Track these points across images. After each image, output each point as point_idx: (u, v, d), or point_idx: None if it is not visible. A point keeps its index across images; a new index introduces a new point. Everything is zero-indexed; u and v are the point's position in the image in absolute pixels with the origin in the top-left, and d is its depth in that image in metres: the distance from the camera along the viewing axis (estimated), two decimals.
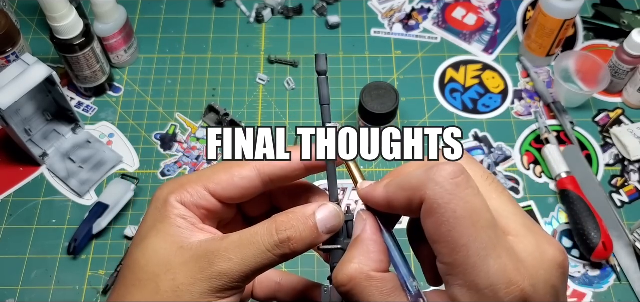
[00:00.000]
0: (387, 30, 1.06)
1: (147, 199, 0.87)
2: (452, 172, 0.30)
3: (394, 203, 0.33)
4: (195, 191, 0.37)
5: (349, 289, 0.33)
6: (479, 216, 0.29)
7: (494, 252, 0.29)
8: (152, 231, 0.36)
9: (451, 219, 0.29)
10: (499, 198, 0.32)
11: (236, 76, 1.00)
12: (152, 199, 0.38)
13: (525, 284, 0.29)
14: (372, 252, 0.33)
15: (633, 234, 0.82)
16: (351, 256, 0.34)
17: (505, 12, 1.09)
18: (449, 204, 0.29)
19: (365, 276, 0.32)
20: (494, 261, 0.29)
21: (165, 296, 0.34)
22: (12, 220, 0.86)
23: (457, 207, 0.29)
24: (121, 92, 0.98)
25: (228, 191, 0.38)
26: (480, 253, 0.29)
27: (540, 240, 0.31)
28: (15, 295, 0.79)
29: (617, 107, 0.97)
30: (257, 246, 0.34)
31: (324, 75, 0.37)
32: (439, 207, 0.30)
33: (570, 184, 0.85)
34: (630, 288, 0.80)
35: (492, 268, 0.28)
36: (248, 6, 1.08)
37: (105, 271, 0.81)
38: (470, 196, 0.30)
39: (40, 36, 1.05)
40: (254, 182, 0.38)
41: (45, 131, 0.91)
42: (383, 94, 0.87)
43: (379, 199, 0.34)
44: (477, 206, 0.30)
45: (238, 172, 0.38)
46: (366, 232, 0.34)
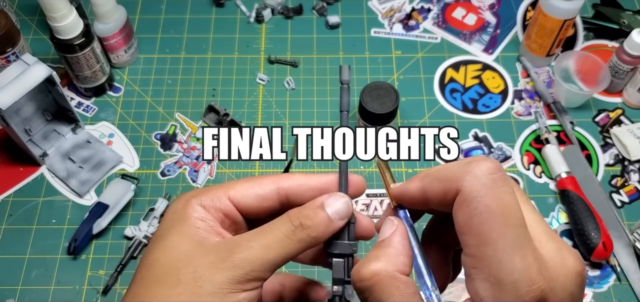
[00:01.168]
0: (387, 30, 1.06)
1: (147, 199, 0.87)
2: (491, 167, 0.31)
3: (429, 194, 0.34)
4: (215, 196, 0.38)
5: (370, 285, 0.33)
6: (511, 214, 0.30)
7: (521, 251, 0.29)
8: (171, 230, 0.37)
9: (484, 212, 0.30)
10: (524, 206, 0.33)
11: (236, 76, 1.00)
12: (171, 205, 0.39)
13: (546, 286, 0.29)
14: (401, 255, 0.34)
15: (633, 234, 0.82)
16: (378, 254, 0.34)
17: (505, 12, 1.09)
18: (484, 197, 0.30)
19: (390, 275, 0.33)
20: (520, 259, 0.29)
21: (186, 288, 0.34)
22: (12, 220, 0.86)
23: (491, 202, 0.30)
24: (121, 92, 0.98)
25: (246, 199, 0.38)
26: (508, 249, 0.29)
27: (561, 248, 0.32)
28: (15, 295, 0.80)
29: (617, 107, 0.97)
30: (276, 233, 0.35)
31: (347, 85, 0.38)
32: (474, 199, 0.30)
33: (570, 184, 0.85)
34: (630, 288, 0.80)
35: (518, 265, 0.29)
36: (248, 6, 1.08)
37: (105, 271, 0.81)
38: (505, 193, 0.30)
39: (40, 36, 1.05)
40: (271, 195, 0.39)
41: (45, 131, 0.91)
42: (383, 94, 0.87)
43: (415, 190, 0.35)
44: (510, 203, 0.30)
45: (258, 184, 0.39)
46: (396, 235, 0.35)
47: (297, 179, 0.39)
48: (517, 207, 0.31)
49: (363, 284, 0.33)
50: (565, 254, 0.31)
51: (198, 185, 0.88)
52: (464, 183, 0.31)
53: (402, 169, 0.91)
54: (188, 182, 0.89)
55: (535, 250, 0.30)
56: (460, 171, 0.31)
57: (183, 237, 0.36)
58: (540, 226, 0.32)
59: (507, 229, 0.30)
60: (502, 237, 0.29)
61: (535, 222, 0.32)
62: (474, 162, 0.31)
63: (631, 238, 0.82)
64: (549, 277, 0.30)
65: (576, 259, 0.32)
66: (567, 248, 0.32)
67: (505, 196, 0.30)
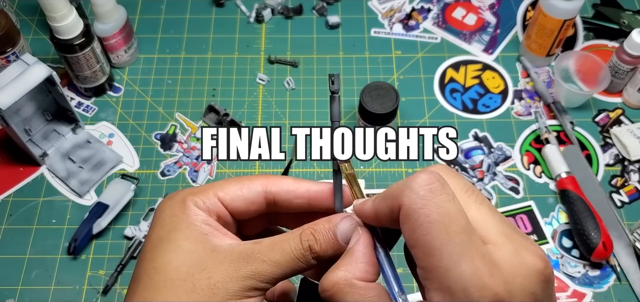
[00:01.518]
0: (387, 30, 1.06)
1: (147, 199, 0.87)
2: (427, 179, 0.31)
3: (380, 214, 0.35)
4: (207, 198, 0.39)
5: (331, 294, 0.34)
6: (452, 221, 0.30)
7: (466, 256, 0.29)
8: (176, 232, 0.37)
9: (425, 223, 0.30)
10: (478, 209, 0.33)
11: (236, 76, 1.00)
12: (161, 205, 0.39)
13: (500, 289, 0.29)
14: (360, 262, 0.35)
15: (633, 234, 0.82)
16: (339, 263, 0.35)
17: (505, 12, 1.09)
18: (422, 209, 0.30)
19: (348, 283, 0.34)
20: (466, 265, 0.29)
21: (202, 294, 0.35)
22: (12, 220, 0.86)
23: (430, 212, 0.30)
24: (121, 92, 0.98)
25: (234, 202, 0.39)
26: (453, 257, 0.29)
27: (519, 248, 0.31)
28: (15, 295, 0.80)
29: (617, 107, 0.97)
30: (288, 253, 0.36)
31: (337, 94, 0.38)
32: (413, 212, 0.31)
33: (570, 184, 0.85)
34: (630, 288, 0.80)
35: (465, 272, 0.29)
36: (248, 6, 1.08)
37: (105, 271, 0.81)
38: (443, 202, 0.30)
39: (40, 36, 1.05)
40: (259, 199, 0.40)
41: (45, 131, 0.91)
42: (383, 94, 0.87)
43: (368, 211, 0.36)
44: (451, 211, 0.30)
45: (247, 184, 0.40)
46: (359, 244, 0.36)
47: (286, 185, 0.40)
48: (458, 214, 0.31)
49: (326, 294, 0.34)
50: (523, 254, 0.31)
51: (198, 185, 0.88)
52: (403, 199, 0.31)
53: (402, 168, 0.91)
54: (188, 182, 0.89)
55: (485, 254, 0.30)
56: (400, 187, 0.32)
57: (193, 241, 0.36)
58: (497, 227, 0.32)
59: (450, 236, 0.30)
60: (446, 245, 0.29)
61: (491, 223, 0.32)
62: (412, 177, 0.32)
63: (631, 238, 0.82)
64: (504, 280, 0.29)
65: (536, 257, 0.31)
66: (526, 247, 0.31)
67: (444, 204, 0.30)
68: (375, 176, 0.90)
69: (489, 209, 0.33)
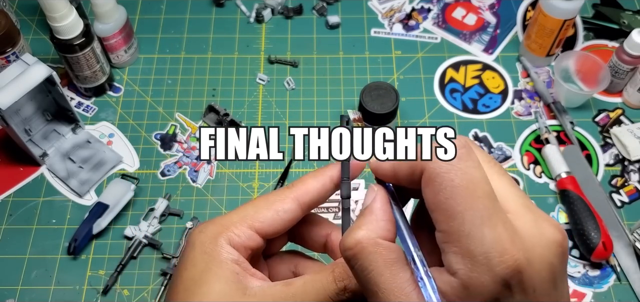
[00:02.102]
0: (387, 30, 1.06)
1: (147, 199, 0.87)
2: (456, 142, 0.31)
3: (399, 173, 0.34)
4: (241, 232, 0.38)
5: (354, 253, 0.33)
6: (477, 187, 0.30)
7: (489, 222, 0.29)
8: (208, 275, 0.36)
9: (449, 187, 0.30)
10: (499, 179, 0.33)
11: (236, 76, 1.00)
12: (194, 240, 0.38)
13: (520, 256, 0.29)
14: (381, 220, 0.34)
15: (633, 234, 0.82)
16: (360, 223, 0.34)
17: (505, 12, 1.09)
18: (447, 173, 0.30)
19: (372, 242, 0.33)
20: (489, 230, 0.29)
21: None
22: (12, 220, 0.86)
23: (455, 177, 0.30)
24: (121, 92, 0.98)
25: (273, 226, 0.39)
26: (476, 221, 0.29)
27: (538, 219, 0.31)
28: (15, 295, 0.80)
29: (617, 107, 0.97)
30: (322, 294, 0.36)
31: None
32: (438, 175, 0.30)
33: (570, 184, 0.85)
34: (630, 288, 0.80)
35: (487, 236, 0.29)
36: (248, 6, 1.09)
37: (105, 271, 0.81)
38: (469, 168, 0.31)
39: (40, 36, 1.05)
40: (296, 213, 0.39)
41: (45, 131, 0.91)
42: (383, 94, 0.87)
43: (386, 168, 0.35)
44: (476, 177, 0.30)
45: (281, 207, 0.39)
46: (376, 202, 0.35)
47: (312, 186, 0.40)
48: (483, 180, 0.31)
49: (348, 253, 0.33)
50: (543, 225, 0.31)
51: (198, 185, 0.88)
52: (427, 162, 0.31)
53: None
54: (188, 182, 0.89)
55: (507, 221, 0.30)
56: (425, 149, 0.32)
57: (225, 284, 0.36)
58: (518, 198, 0.32)
59: (474, 201, 0.30)
60: (469, 210, 0.29)
61: (512, 194, 0.32)
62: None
63: (631, 238, 0.82)
64: (524, 247, 0.29)
65: (555, 229, 0.31)
66: (545, 219, 0.32)
67: (470, 170, 0.30)
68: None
69: (510, 181, 0.34)
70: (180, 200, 0.87)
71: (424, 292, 0.31)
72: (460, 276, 0.29)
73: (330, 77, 1.00)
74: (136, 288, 0.80)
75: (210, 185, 0.89)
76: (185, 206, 0.87)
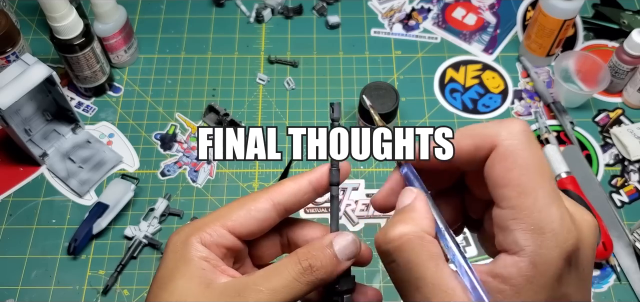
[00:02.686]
0: (387, 30, 1.06)
1: (147, 199, 0.87)
2: (524, 126, 0.33)
3: (460, 149, 0.35)
4: (214, 231, 0.38)
5: (398, 245, 0.33)
6: (545, 168, 0.32)
7: (557, 201, 0.31)
8: (175, 273, 0.37)
9: (523, 165, 0.32)
10: None
11: (236, 76, 1.00)
12: (168, 242, 0.39)
13: (579, 236, 0.31)
14: (425, 218, 0.34)
15: (633, 234, 0.82)
16: (403, 218, 0.34)
17: (505, 12, 1.09)
18: (523, 151, 0.32)
19: (418, 235, 0.33)
20: (557, 208, 0.31)
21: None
22: (12, 220, 0.86)
23: (528, 155, 0.32)
24: (121, 92, 0.98)
25: (246, 226, 0.39)
26: (547, 200, 0.31)
27: (576, 205, 0.34)
28: (15, 295, 0.80)
29: (617, 107, 0.97)
30: (285, 276, 0.36)
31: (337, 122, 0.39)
32: (513, 153, 0.32)
33: (570, 184, 0.85)
34: (630, 288, 0.80)
35: (556, 214, 0.30)
36: (248, 6, 1.09)
37: (105, 271, 0.81)
38: (538, 150, 0.33)
39: (40, 36, 1.05)
40: (270, 213, 0.39)
41: (45, 131, 0.91)
42: (383, 94, 0.87)
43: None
44: (543, 159, 0.33)
45: (254, 206, 0.39)
46: (418, 201, 0.35)
47: (289, 188, 0.39)
48: (546, 162, 0.33)
49: (390, 246, 0.33)
50: (581, 210, 0.33)
51: (198, 185, 0.88)
52: (501, 138, 0.33)
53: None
54: (188, 182, 0.89)
55: (563, 202, 0.32)
56: (496, 127, 0.33)
57: (189, 281, 0.36)
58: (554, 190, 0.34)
59: (545, 181, 0.31)
60: (541, 188, 0.31)
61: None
62: (507, 121, 0.33)
63: (631, 238, 0.82)
64: (579, 228, 0.31)
65: (590, 215, 0.33)
66: (579, 206, 0.34)
67: (539, 152, 0.32)
68: (374, 175, 0.90)
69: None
70: (180, 200, 0.87)
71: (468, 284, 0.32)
72: (528, 253, 0.30)
73: (330, 77, 1.00)
74: (136, 288, 0.80)
75: (210, 185, 0.89)
76: (185, 206, 0.87)
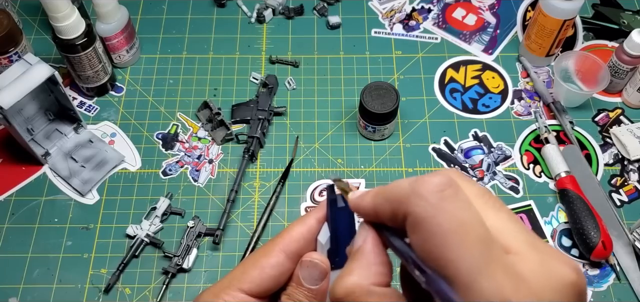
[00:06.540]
0: (388, 31, 1.06)
1: (148, 198, 0.87)
2: (439, 183, 0.28)
3: (381, 214, 0.31)
4: (231, 297, 0.37)
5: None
6: (469, 230, 0.27)
7: (487, 270, 0.26)
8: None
9: (438, 234, 0.27)
10: (496, 215, 0.30)
11: (237, 76, 1.01)
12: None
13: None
14: (373, 264, 0.31)
15: (632, 234, 0.82)
16: (350, 268, 0.32)
17: (505, 12, 1.09)
18: (434, 218, 0.27)
19: (365, 291, 0.30)
20: (487, 280, 0.26)
21: None
22: (14, 219, 0.86)
23: (443, 221, 0.27)
24: (123, 92, 0.99)
25: (262, 285, 0.37)
26: (472, 271, 0.26)
27: (546, 258, 0.28)
28: (17, 293, 0.80)
29: (617, 107, 0.97)
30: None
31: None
32: (423, 221, 0.27)
33: (570, 184, 0.85)
34: (630, 287, 0.80)
35: (486, 288, 0.26)
36: (249, 6, 1.09)
37: (107, 269, 0.82)
38: (458, 209, 0.27)
39: (43, 36, 1.05)
40: (284, 266, 0.37)
41: (47, 131, 0.92)
42: (383, 93, 0.88)
43: (367, 208, 0.33)
44: (467, 219, 0.27)
45: (267, 262, 0.37)
46: (367, 243, 0.32)
47: (298, 234, 0.38)
48: (476, 222, 0.27)
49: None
50: (551, 265, 0.27)
51: (199, 184, 0.89)
52: (410, 206, 0.28)
53: (403, 168, 0.91)
54: (189, 181, 0.89)
55: (508, 266, 0.27)
56: (406, 191, 0.28)
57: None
58: (519, 235, 0.29)
59: (467, 248, 0.26)
60: (463, 258, 0.26)
61: (513, 232, 0.29)
62: (419, 179, 0.28)
63: (630, 237, 0.82)
64: (531, 294, 0.26)
65: (567, 268, 0.28)
66: (555, 257, 0.28)
67: (459, 212, 0.27)
68: (375, 175, 0.90)
69: (509, 215, 0.30)
70: (181, 199, 0.88)
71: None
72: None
73: (330, 77, 1.00)
74: (138, 287, 0.81)
75: (212, 184, 0.89)
76: (187, 205, 0.87)
